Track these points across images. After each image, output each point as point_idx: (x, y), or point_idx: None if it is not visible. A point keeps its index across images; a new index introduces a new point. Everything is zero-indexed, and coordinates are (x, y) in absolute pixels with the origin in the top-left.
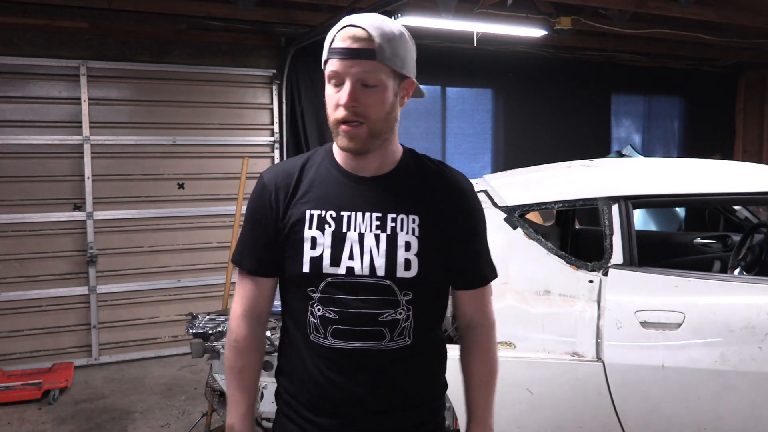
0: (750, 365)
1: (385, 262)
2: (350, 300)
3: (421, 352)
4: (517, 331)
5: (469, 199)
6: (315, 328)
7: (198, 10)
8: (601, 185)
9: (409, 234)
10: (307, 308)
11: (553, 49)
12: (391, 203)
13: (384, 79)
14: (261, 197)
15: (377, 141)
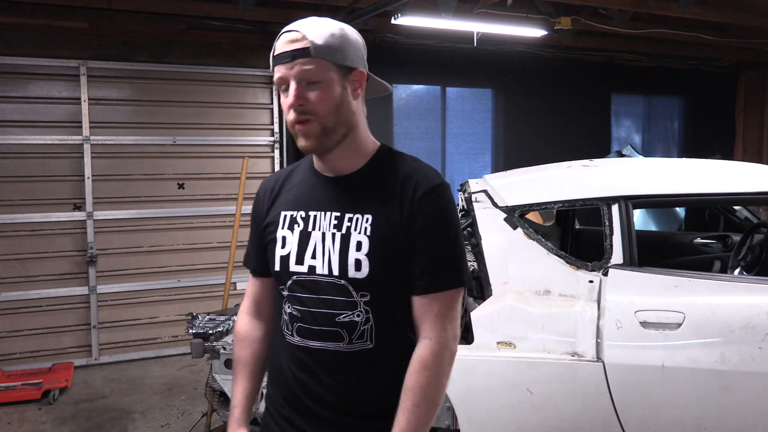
0: (750, 365)
1: (339, 261)
2: (311, 299)
3: (386, 357)
4: (517, 331)
5: (434, 200)
6: (286, 325)
7: (198, 10)
8: (601, 185)
9: (361, 233)
10: (281, 305)
11: (553, 49)
12: (350, 202)
13: (325, 74)
14: (255, 203)
15: (334, 137)
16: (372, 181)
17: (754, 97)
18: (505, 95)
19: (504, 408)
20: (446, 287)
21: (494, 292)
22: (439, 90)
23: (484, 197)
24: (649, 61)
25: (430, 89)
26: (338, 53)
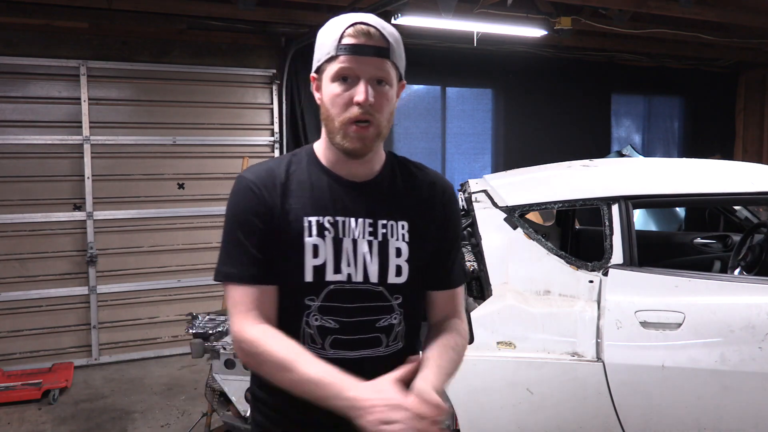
0: (750, 365)
1: (378, 268)
2: (350, 308)
3: (408, 354)
4: (517, 331)
5: (454, 205)
6: (311, 338)
7: (198, 10)
8: (601, 185)
9: (399, 240)
10: (300, 318)
11: (553, 49)
12: (382, 209)
13: (393, 78)
14: (250, 198)
15: (379, 142)
16: (395, 186)
17: (754, 97)
18: (505, 95)
19: (504, 408)
20: (463, 281)
21: (494, 292)
22: (439, 90)
23: (484, 197)
24: (649, 61)
25: (430, 89)
26: (401, 60)
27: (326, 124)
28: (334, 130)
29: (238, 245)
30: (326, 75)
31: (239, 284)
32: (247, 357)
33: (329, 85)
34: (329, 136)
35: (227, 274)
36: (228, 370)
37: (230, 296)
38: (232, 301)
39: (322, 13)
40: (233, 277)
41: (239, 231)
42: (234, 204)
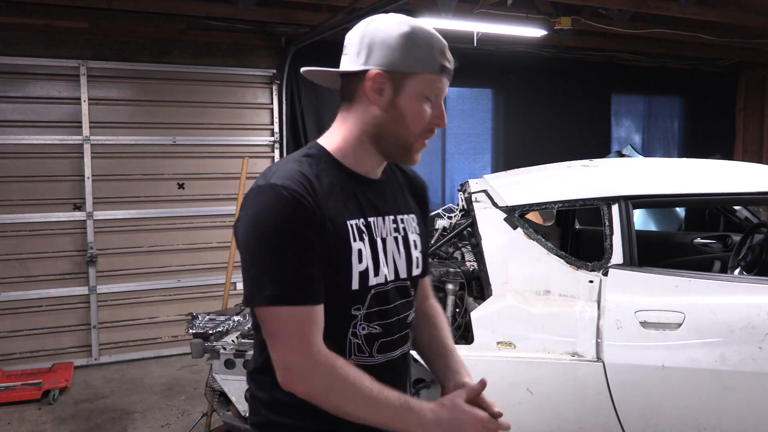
0: (750, 365)
1: (405, 263)
2: (388, 309)
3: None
4: (517, 331)
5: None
6: (358, 348)
7: (198, 10)
8: (601, 185)
9: (413, 233)
10: (347, 329)
11: (553, 49)
12: (399, 204)
13: None
14: (297, 208)
15: None
16: (395, 182)
17: (754, 97)
18: (505, 95)
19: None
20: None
21: (494, 292)
22: None
23: (484, 197)
24: (649, 61)
25: None
26: None
27: (396, 133)
28: (404, 143)
29: (288, 262)
30: (415, 88)
31: (294, 306)
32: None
33: (416, 100)
34: (387, 147)
35: (277, 296)
36: (228, 370)
37: (279, 321)
38: (286, 326)
39: (322, 13)
40: (284, 299)
41: (289, 246)
42: (277, 216)
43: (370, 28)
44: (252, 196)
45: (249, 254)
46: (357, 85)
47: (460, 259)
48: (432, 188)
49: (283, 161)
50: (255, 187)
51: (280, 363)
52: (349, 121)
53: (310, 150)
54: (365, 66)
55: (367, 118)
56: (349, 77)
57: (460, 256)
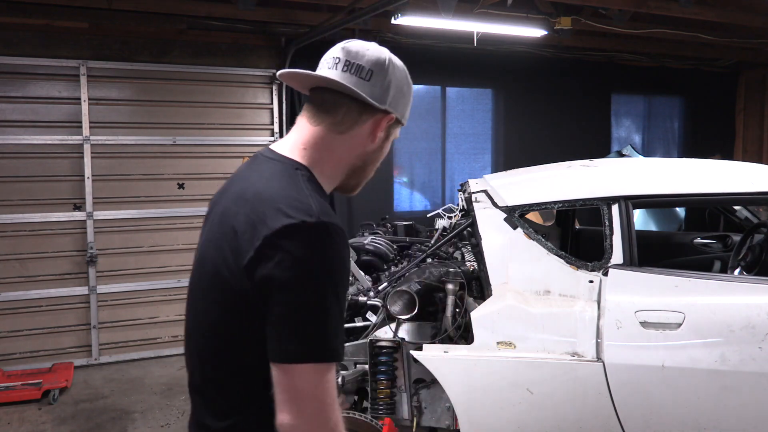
0: (750, 365)
1: None
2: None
3: None
4: (517, 331)
5: None
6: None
7: (198, 10)
8: (601, 185)
9: None
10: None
11: (553, 49)
12: None
13: None
14: (348, 249)
15: None
16: None
17: (754, 97)
18: (505, 95)
19: (504, 408)
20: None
21: (494, 292)
22: (439, 90)
23: (484, 197)
24: (649, 61)
25: (430, 89)
26: None
27: (369, 170)
28: (363, 180)
29: (341, 314)
30: (395, 134)
31: (334, 362)
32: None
33: (388, 146)
34: (353, 180)
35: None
36: None
37: (327, 380)
38: (330, 386)
39: (322, 13)
40: (336, 355)
41: (344, 296)
42: (339, 263)
43: (391, 67)
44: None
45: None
46: (367, 116)
47: (460, 259)
48: (432, 188)
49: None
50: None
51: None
52: (340, 146)
53: (301, 171)
54: (386, 107)
55: (359, 151)
56: (359, 103)
57: (460, 256)
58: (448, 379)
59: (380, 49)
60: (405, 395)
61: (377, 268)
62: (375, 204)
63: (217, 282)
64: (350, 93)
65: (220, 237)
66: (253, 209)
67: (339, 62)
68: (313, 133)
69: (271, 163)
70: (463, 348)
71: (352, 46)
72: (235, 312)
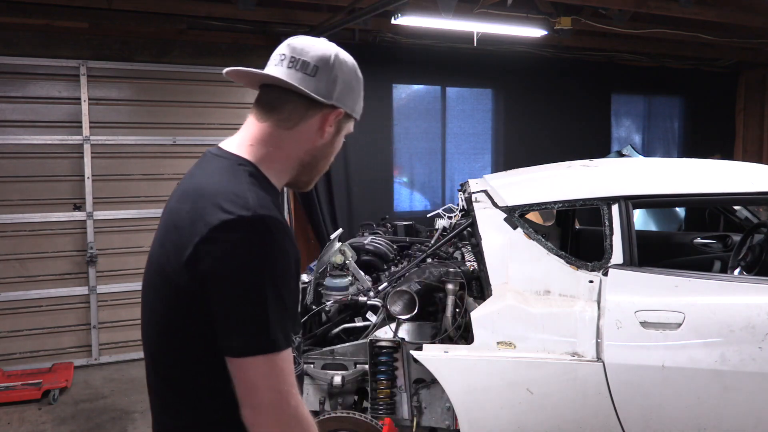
0: (750, 365)
1: None
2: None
3: None
4: (517, 331)
5: None
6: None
7: (198, 10)
8: (601, 185)
9: None
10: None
11: (553, 49)
12: None
13: None
14: (289, 240)
15: None
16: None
17: (754, 97)
18: (505, 95)
19: (504, 408)
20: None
21: (494, 292)
22: (439, 90)
23: (484, 197)
24: (649, 61)
25: (430, 89)
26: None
27: (321, 165)
28: (316, 175)
29: (285, 304)
30: (347, 129)
31: (287, 350)
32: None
33: (342, 138)
34: (305, 175)
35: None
36: None
37: (278, 368)
38: (284, 374)
39: (322, 13)
40: (285, 344)
41: (287, 286)
42: (276, 253)
43: (337, 62)
44: (239, 230)
45: (244, 298)
46: (313, 112)
47: (460, 259)
48: (432, 188)
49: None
50: (237, 219)
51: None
52: (288, 142)
53: (245, 166)
54: (331, 101)
55: (308, 146)
56: (304, 99)
57: (460, 256)
58: (448, 379)
59: (327, 44)
60: (405, 395)
61: (377, 268)
62: (375, 204)
63: (163, 279)
64: (295, 89)
65: (164, 234)
66: (194, 206)
67: (285, 59)
68: (261, 130)
69: (216, 160)
70: (463, 348)
71: (297, 42)
72: (181, 309)
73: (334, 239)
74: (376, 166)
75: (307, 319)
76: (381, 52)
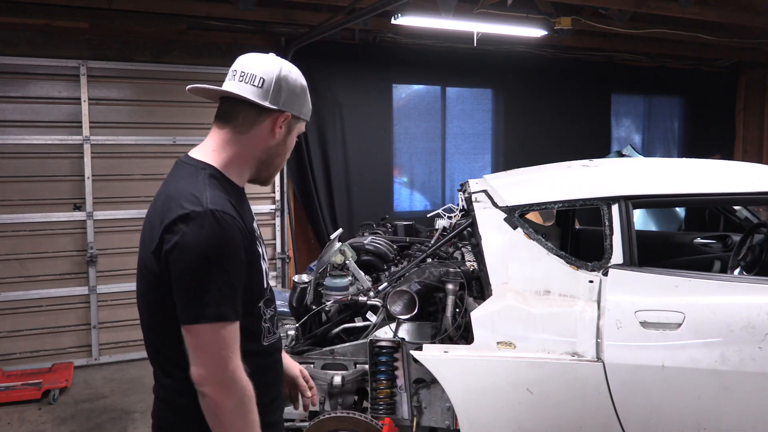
0: (750, 365)
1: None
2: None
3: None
4: (517, 331)
5: None
6: (268, 330)
7: (198, 10)
8: (601, 185)
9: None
10: (260, 318)
11: (553, 49)
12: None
13: None
14: (235, 230)
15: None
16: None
17: (754, 97)
18: (505, 95)
19: (504, 408)
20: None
21: (494, 292)
22: (439, 90)
23: (484, 197)
24: (649, 61)
25: (430, 89)
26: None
27: (270, 162)
28: (274, 171)
29: (230, 282)
30: (298, 129)
31: (232, 322)
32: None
33: (294, 138)
34: (264, 172)
35: (220, 313)
36: None
37: (220, 336)
38: (225, 340)
39: (322, 13)
40: (227, 316)
41: (231, 268)
42: (223, 240)
43: (283, 73)
44: (192, 222)
45: (194, 276)
46: (264, 117)
47: (460, 259)
48: (432, 188)
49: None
50: (191, 213)
51: (214, 373)
52: (243, 144)
53: (206, 170)
54: (278, 107)
55: (263, 146)
56: (254, 106)
57: (460, 256)
58: (448, 379)
59: (272, 59)
60: (405, 395)
61: (377, 268)
62: (375, 204)
63: (143, 269)
64: (245, 99)
65: (143, 234)
66: (162, 207)
67: (236, 74)
68: (221, 136)
69: (184, 167)
70: (463, 348)
71: (246, 59)
72: (157, 290)
73: (334, 239)
74: (376, 166)
75: (307, 319)
76: (381, 52)
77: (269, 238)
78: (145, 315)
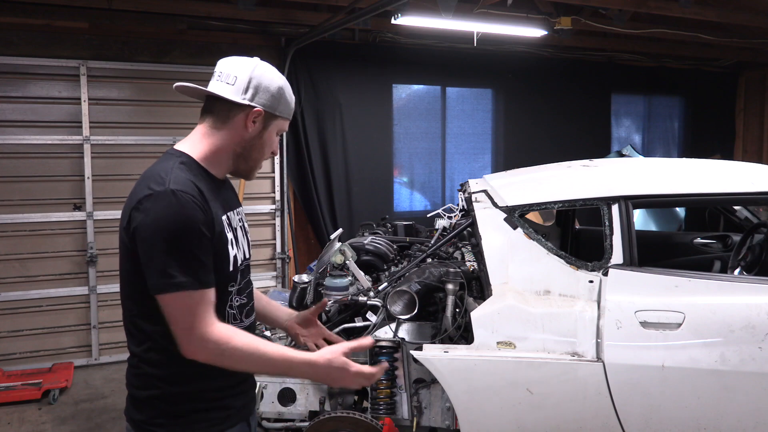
0: (750, 365)
1: (247, 246)
2: (248, 282)
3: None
4: (517, 331)
5: None
6: (233, 317)
7: (198, 10)
8: (601, 185)
9: (245, 222)
10: (225, 303)
11: (553, 49)
12: (235, 201)
13: None
14: (195, 210)
15: None
16: (228, 184)
17: (754, 97)
18: (505, 95)
19: (504, 408)
20: None
21: (494, 292)
22: (439, 90)
23: (484, 197)
24: (649, 61)
25: (430, 89)
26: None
27: (248, 155)
28: (253, 165)
29: (192, 255)
30: (276, 126)
31: (195, 290)
32: (219, 354)
33: (273, 135)
34: (242, 164)
35: (182, 283)
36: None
37: (185, 304)
38: (189, 307)
39: (322, 13)
40: (189, 285)
41: (191, 241)
42: (182, 217)
43: (256, 72)
44: (154, 201)
45: (156, 250)
46: (235, 112)
47: (460, 259)
48: (432, 188)
49: (168, 167)
50: (155, 192)
51: (185, 337)
52: (219, 137)
53: (180, 158)
54: (251, 102)
55: (237, 139)
56: (227, 102)
57: (460, 256)
58: (448, 379)
59: (248, 60)
60: (405, 395)
61: (377, 268)
62: (375, 204)
63: (120, 244)
64: (218, 96)
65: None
66: (135, 188)
67: (215, 74)
68: (200, 130)
69: (166, 156)
70: (463, 348)
71: (225, 61)
72: (130, 264)
73: (334, 239)
74: (376, 166)
75: None
76: (381, 52)
77: (269, 238)
78: (123, 287)
